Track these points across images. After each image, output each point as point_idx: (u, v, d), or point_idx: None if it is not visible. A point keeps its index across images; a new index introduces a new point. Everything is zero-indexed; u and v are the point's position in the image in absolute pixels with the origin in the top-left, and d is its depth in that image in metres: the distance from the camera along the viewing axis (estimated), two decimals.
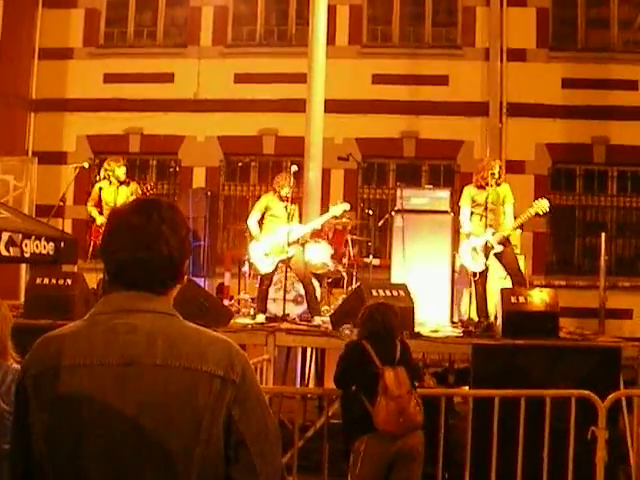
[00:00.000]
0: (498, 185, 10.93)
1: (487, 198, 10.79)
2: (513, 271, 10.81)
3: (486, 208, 10.79)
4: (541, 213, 10.64)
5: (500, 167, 11.19)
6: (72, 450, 2.32)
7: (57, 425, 2.34)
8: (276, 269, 11.35)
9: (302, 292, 11.50)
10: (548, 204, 10.56)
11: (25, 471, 2.42)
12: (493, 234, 10.63)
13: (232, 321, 10.40)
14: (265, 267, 11.31)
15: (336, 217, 12.12)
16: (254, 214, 11.62)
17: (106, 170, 12.27)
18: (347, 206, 11.79)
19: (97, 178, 13.09)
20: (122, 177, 12.25)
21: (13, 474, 2.48)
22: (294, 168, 11.37)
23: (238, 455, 2.39)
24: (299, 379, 12.30)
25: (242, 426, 2.38)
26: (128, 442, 2.31)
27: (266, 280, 11.42)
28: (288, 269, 11.31)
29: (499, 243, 10.65)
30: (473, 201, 11.02)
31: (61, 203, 12.61)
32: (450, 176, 17.24)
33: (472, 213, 10.97)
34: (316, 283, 11.68)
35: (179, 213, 2.60)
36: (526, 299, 9.54)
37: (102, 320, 2.44)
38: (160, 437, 2.31)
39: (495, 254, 10.70)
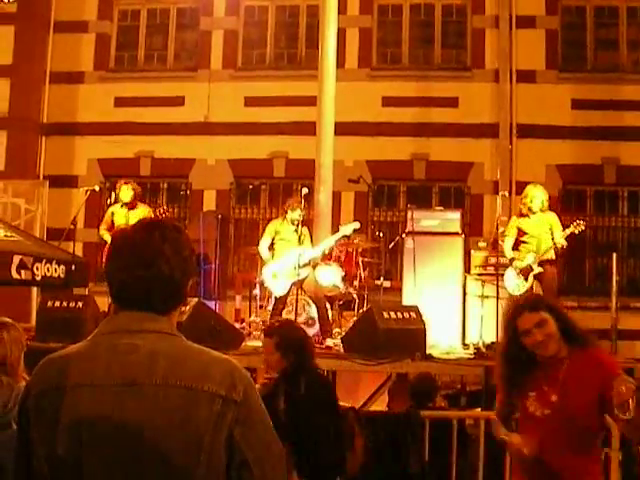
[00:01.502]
0: (542, 212, 11.45)
1: (530, 225, 11.34)
2: (547, 292, 11.00)
3: (525, 234, 11.44)
4: (577, 232, 11.12)
5: (541, 194, 11.55)
6: (73, 471, 2.32)
7: (56, 445, 2.34)
8: (289, 292, 11.36)
9: (313, 314, 11.50)
10: (584, 224, 11.18)
11: None
12: (534, 258, 11.06)
13: (243, 344, 10.39)
14: (279, 290, 11.32)
15: (347, 237, 12.14)
16: (264, 240, 11.68)
17: (118, 192, 12.37)
18: (357, 225, 11.81)
19: (108, 202, 13.14)
20: (126, 199, 12.28)
21: None
22: (305, 191, 11.41)
23: (241, 476, 2.38)
24: None
25: (244, 446, 2.37)
26: (129, 462, 2.31)
27: (280, 304, 11.44)
28: (301, 291, 11.31)
29: (539, 265, 10.96)
30: (519, 229, 11.56)
31: (72, 226, 12.66)
32: (460, 198, 17.22)
33: (519, 242, 11.51)
34: (327, 305, 11.68)
35: (183, 234, 2.60)
36: None
37: (104, 340, 2.45)
38: (161, 457, 2.30)
39: (535, 275, 11.10)
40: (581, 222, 11.11)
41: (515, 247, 11.57)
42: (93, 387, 2.36)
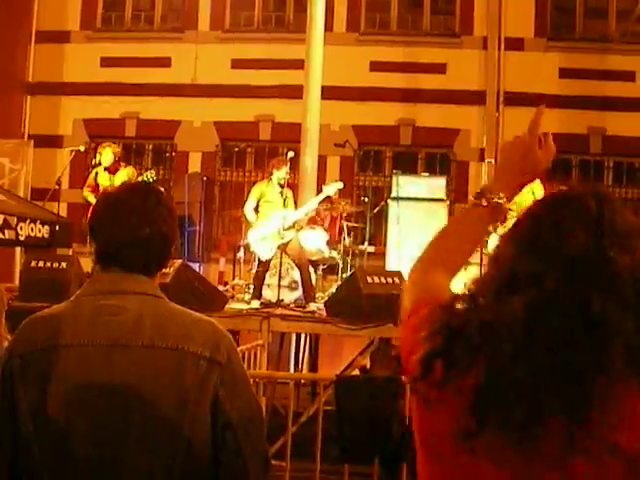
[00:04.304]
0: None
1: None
2: None
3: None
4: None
5: None
6: (59, 430, 2.34)
7: (44, 405, 2.36)
8: (274, 255, 11.37)
9: (297, 278, 11.50)
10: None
11: (12, 451, 2.43)
12: None
13: (226, 306, 10.41)
14: (265, 253, 11.32)
15: (332, 200, 12.13)
16: (250, 202, 11.65)
17: (100, 154, 12.29)
18: (340, 185, 11.79)
19: (93, 162, 13.08)
20: (106, 163, 12.15)
21: (1, 453, 2.48)
22: (291, 154, 11.39)
23: (225, 437, 2.41)
24: (293, 365, 12.32)
25: (228, 407, 2.40)
26: (114, 422, 2.34)
27: (263, 266, 11.44)
28: (284, 254, 11.31)
29: None
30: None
31: (57, 186, 12.60)
32: (446, 164, 17.23)
33: None
34: (311, 269, 11.69)
35: (170, 197, 2.65)
36: None
37: (89, 301, 2.46)
38: (147, 417, 2.33)
39: None
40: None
41: None
42: (80, 347, 2.38)
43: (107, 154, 12.25)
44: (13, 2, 17.66)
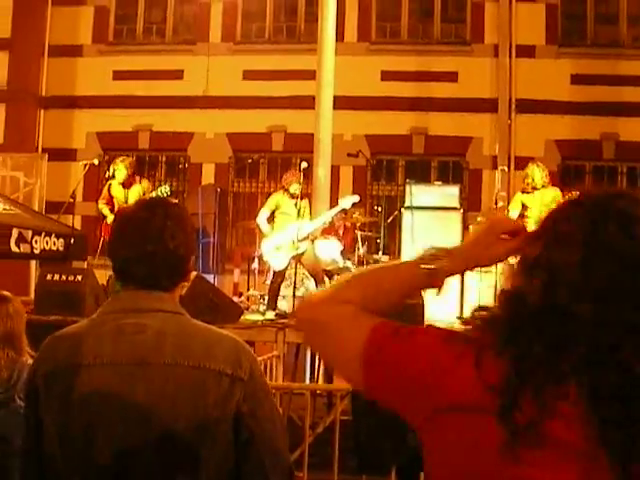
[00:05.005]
0: (535, 189, 11.62)
1: (533, 200, 11.51)
2: None
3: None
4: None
5: (539, 171, 11.73)
6: (82, 448, 2.35)
7: (67, 424, 2.37)
8: (288, 265, 11.38)
9: (311, 288, 11.51)
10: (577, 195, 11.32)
11: (38, 467, 2.45)
12: None
13: (242, 318, 10.41)
14: (278, 263, 11.33)
15: (345, 211, 12.14)
16: (263, 212, 11.68)
17: (114, 169, 12.38)
18: (356, 198, 11.81)
19: (107, 175, 13.14)
20: (121, 178, 12.27)
21: (27, 470, 2.51)
22: (304, 165, 11.41)
23: (247, 452, 2.41)
24: (309, 376, 12.31)
25: (251, 423, 2.40)
26: (137, 440, 2.34)
27: (279, 277, 11.45)
28: (299, 265, 11.33)
29: None
30: (524, 205, 11.81)
31: (71, 200, 12.67)
32: (459, 172, 17.22)
33: (524, 215, 11.75)
34: (325, 279, 11.70)
35: (185, 210, 2.63)
36: None
37: (110, 320, 2.46)
38: (169, 435, 2.33)
39: None
40: (574, 194, 11.22)
41: None
42: (102, 366, 2.38)
43: (121, 170, 12.33)
44: (26, 17, 17.76)
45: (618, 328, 1.52)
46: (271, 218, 11.77)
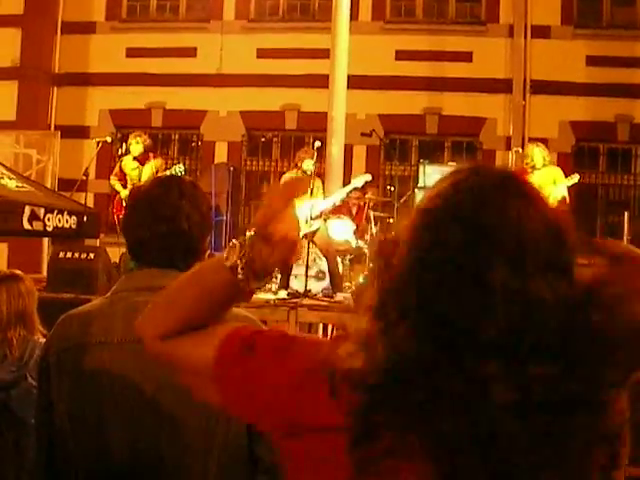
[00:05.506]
0: (535, 169, 11.58)
1: (535, 180, 11.37)
2: None
3: None
4: (569, 185, 11.43)
5: (539, 150, 11.70)
6: (93, 426, 2.35)
7: (79, 402, 2.37)
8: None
9: (324, 268, 11.49)
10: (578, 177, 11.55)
11: (50, 445, 2.45)
12: None
13: (254, 296, 10.39)
14: None
15: (358, 189, 12.11)
16: None
17: (129, 144, 12.40)
18: (369, 177, 11.77)
19: (120, 152, 13.13)
20: (136, 153, 12.30)
21: (39, 448, 2.51)
22: (317, 144, 11.36)
23: (259, 440, 2.40)
24: None
25: None
26: (146, 418, 2.33)
27: None
28: (312, 244, 11.30)
29: None
30: None
31: (84, 177, 12.66)
32: (473, 153, 17.18)
33: None
34: (338, 259, 11.68)
35: (200, 189, 2.60)
36: None
37: (123, 298, 2.45)
38: (179, 415, 2.32)
39: None
40: (575, 175, 11.45)
41: None
42: (113, 345, 2.38)
43: (136, 145, 12.32)
44: None
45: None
46: None
